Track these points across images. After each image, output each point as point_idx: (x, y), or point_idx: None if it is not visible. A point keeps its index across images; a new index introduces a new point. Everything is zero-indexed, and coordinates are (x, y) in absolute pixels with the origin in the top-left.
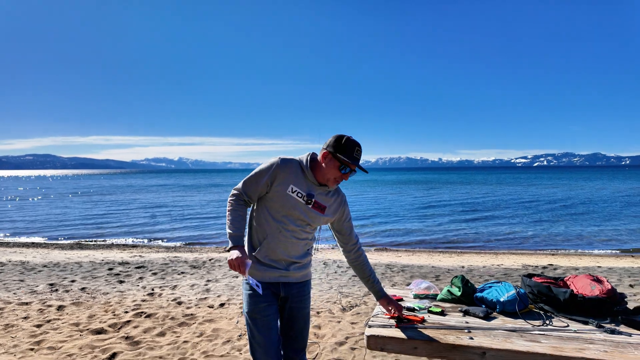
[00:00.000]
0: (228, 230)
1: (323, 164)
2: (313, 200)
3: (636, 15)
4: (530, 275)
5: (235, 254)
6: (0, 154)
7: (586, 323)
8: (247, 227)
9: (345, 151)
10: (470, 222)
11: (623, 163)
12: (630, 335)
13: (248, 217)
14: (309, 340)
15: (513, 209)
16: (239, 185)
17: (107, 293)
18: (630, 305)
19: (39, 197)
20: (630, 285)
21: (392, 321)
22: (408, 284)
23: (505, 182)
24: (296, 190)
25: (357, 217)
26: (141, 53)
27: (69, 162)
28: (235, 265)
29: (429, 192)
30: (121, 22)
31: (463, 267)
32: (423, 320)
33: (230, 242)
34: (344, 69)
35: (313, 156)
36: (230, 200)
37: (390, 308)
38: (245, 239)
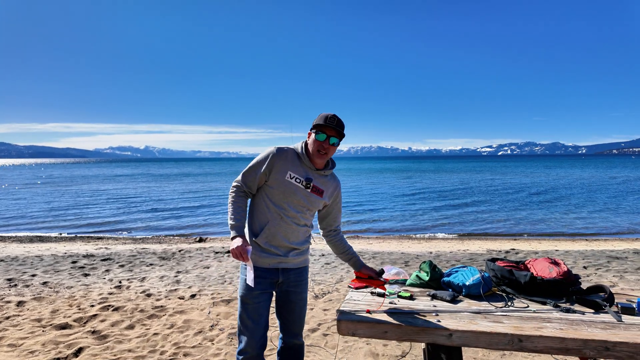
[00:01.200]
0: (230, 222)
1: (310, 143)
2: (312, 184)
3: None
4: (493, 260)
5: (236, 242)
6: None
7: (544, 303)
8: (247, 215)
9: (318, 120)
10: (438, 209)
11: (580, 152)
12: (583, 313)
13: (249, 206)
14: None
15: (479, 196)
16: (239, 177)
17: (72, 287)
18: (584, 285)
19: None
20: (584, 267)
21: (363, 307)
22: None
23: (473, 170)
24: (294, 176)
25: None
26: (105, 35)
27: (26, 150)
28: (237, 253)
29: (399, 180)
30: (85, 4)
31: (431, 252)
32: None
33: (231, 232)
34: (315, 57)
35: (306, 142)
36: (231, 192)
37: (370, 275)
38: (246, 227)
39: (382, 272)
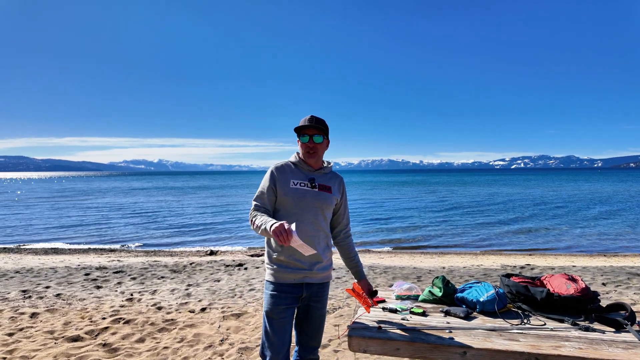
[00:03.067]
0: (260, 224)
1: (299, 149)
2: (316, 183)
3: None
4: (508, 275)
5: (275, 226)
6: None
7: (562, 321)
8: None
9: (298, 125)
10: (450, 223)
11: (595, 165)
12: (603, 332)
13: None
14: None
15: (492, 210)
16: (254, 199)
17: (84, 299)
18: (603, 303)
19: (12, 201)
20: (603, 284)
21: (375, 323)
22: (390, 285)
23: (485, 184)
24: (298, 182)
25: None
26: (120, 51)
27: (43, 164)
28: (279, 232)
29: (411, 193)
30: (99, 17)
31: (444, 267)
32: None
33: (267, 227)
34: (327, 70)
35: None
36: (252, 214)
37: (363, 291)
38: (265, 246)
39: (375, 293)
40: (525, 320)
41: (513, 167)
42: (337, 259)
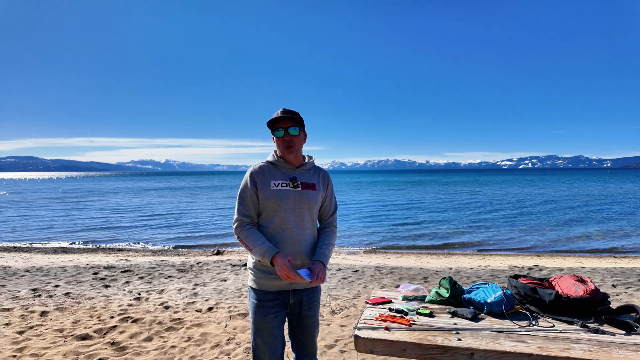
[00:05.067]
0: (257, 251)
1: (276, 146)
2: (298, 182)
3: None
4: (516, 277)
5: (280, 266)
6: None
7: (571, 323)
8: None
9: (270, 120)
10: (457, 224)
11: (605, 165)
12: (613, 334)
13: None
14: None
15: (500, 210)
16: (235, 215)
17: (93, 298)
18: (613, 304)
19: (21, 201)
20: (613, 286)
21: (382, 324)
22: (397, 286)
23: (493, 183)
24: (279, 183)
25: (345, 219)
26: (127, 52)
27: (52, 164)
28: (285, 276)
29: (417, 193)
30: (106, 19)
31: (451, 268)
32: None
33: (266, 258)
34: (333, 70)
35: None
36: (239, 231)
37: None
38: (249, 256)
39: (303, 272)
40: (533, 322)
41: (521, 167)
42: (343, 260)
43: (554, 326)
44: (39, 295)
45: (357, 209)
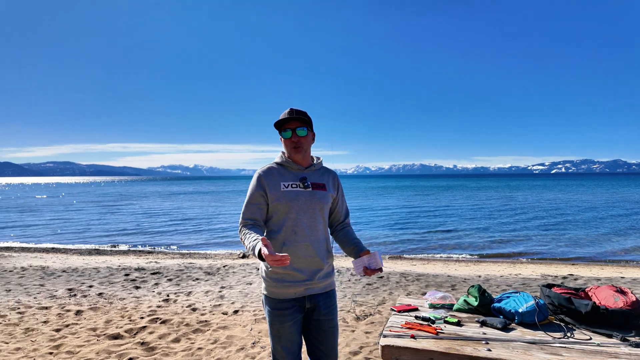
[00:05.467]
0: (247, 245)
1: (283, 147)
2: (309, 182)
3: None
4: (549, 286)
5: (270, 257)
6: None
7: (610, 336)
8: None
9: (278, 121)
10: (487, 230)
11: None
12: None
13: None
14: None
15: (532, 216)
16: (241, 217)
17: (124, 298)
18: None
19: (60, 204)
20: None
21: (408, 331)
22: (423, 294)
23: (523, 189)
24: (289, 184)
25: (371, 225)
26: (160, 62)
27: (88, 169)
28: (277, 260)
29: (444, 198)
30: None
31: (480, 276)
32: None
33: (255, 250)
34: (356, 73)
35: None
36: (240, 229)
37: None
38: (261, 265)
39: (379, 254)
40: (568, 334)
41: (553, 171)
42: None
43: (590, 339)
44: (74, 295)
45: (384, 214)
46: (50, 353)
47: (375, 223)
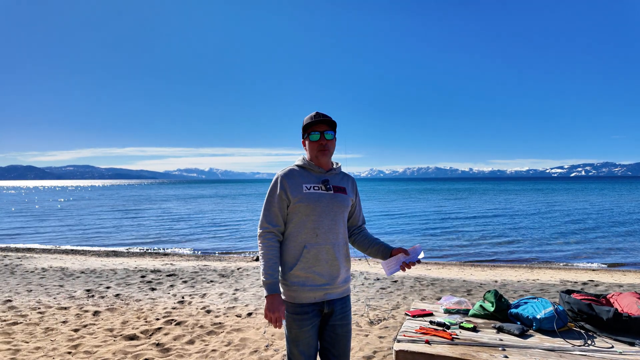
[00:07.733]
0: (262, 278)
1: (307, 150)
2: (330, 185)
3: None
4: (569, 292)
5: (270, 305)
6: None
7: (633, 344)
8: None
9: (306, 122)
10: (503, 234)
11: None
12: None
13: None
14: None
15: (551, 221)
16: (261, 220)
17: (140, 300)
18: None
19: (80, 208)
20: None
21: (423, 337)
22: (438, 298)
23: (542, 192)
24: (311, 186)
25: (383, 228)
26: (177, 67)
27: (106, 172)
28: (272, 319)
29: (459, 202)
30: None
31: (496, 281)
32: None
33: (265, 290)
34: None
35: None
36: (261, 241)
37: (401, 256)
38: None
39: (419, 249)
40: (589, 341)
41: (573, 175)
42: (382, 269)
43: (612, 347)
44: (92, 296)
45: (403, 218)
46: (69, 352)
47: (390, 225)
